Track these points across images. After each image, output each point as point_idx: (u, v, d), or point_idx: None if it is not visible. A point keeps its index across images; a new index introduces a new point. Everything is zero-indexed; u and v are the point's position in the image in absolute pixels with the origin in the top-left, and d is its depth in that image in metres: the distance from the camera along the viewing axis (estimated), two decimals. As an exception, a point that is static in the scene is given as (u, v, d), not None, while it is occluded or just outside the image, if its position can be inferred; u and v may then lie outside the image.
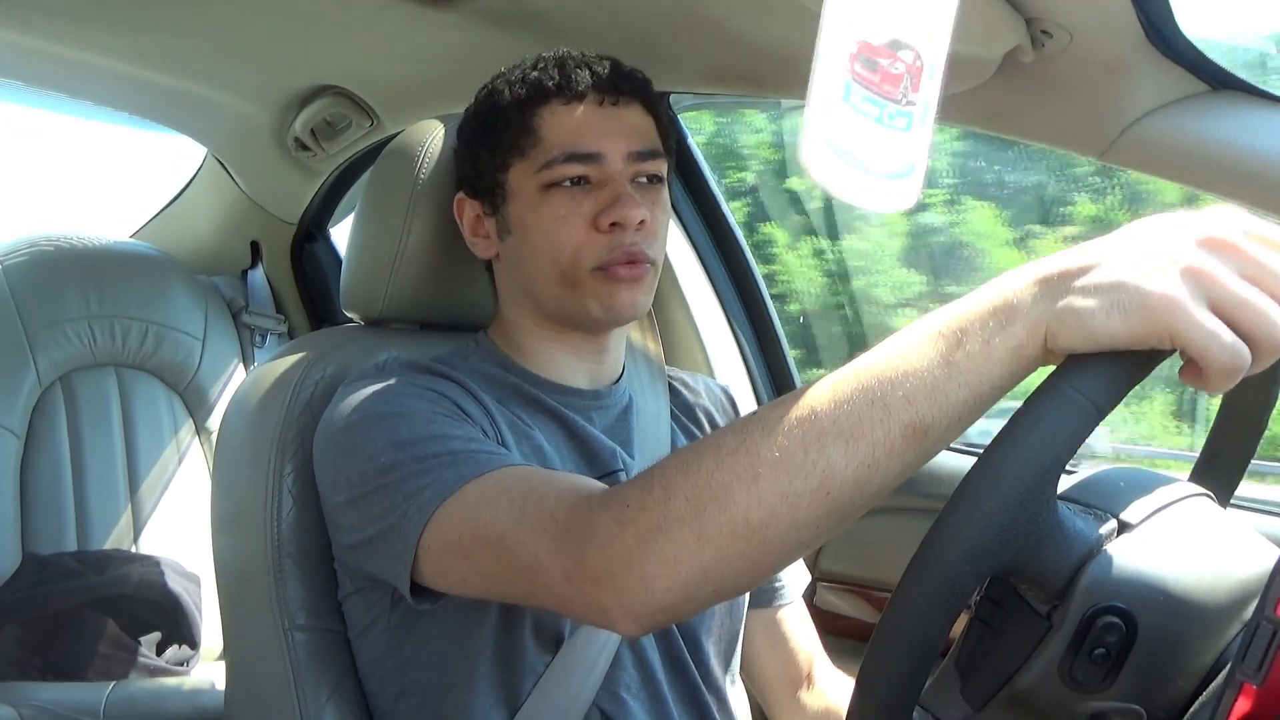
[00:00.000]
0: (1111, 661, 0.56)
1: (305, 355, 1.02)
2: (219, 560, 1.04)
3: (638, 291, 0.96)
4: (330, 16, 1.43)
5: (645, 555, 0.64)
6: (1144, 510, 0.60)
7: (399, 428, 0.85)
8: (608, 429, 1.02)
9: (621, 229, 0.93)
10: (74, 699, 1.43)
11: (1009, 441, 0.53)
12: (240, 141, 1.91)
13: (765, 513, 0.60)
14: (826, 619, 1.53)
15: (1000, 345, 0.56)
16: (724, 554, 0.62)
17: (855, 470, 0.58)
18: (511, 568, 0.75)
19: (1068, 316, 0.54)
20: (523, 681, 0.91)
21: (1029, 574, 0.57)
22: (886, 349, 0.60)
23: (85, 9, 1.43)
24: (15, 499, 1.68)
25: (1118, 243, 0.56)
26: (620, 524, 0.66)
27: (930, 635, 0.54)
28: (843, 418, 0.59)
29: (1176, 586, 0.57)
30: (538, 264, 0.96)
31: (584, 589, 0.68)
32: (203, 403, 1.90)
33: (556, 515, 0.72)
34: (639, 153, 0.96)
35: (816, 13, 0.93)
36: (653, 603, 0.65)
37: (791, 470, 0.59)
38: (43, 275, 1.79)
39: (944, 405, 0.57)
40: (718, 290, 1.69)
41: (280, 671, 0.96)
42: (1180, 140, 0.95)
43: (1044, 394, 0.54)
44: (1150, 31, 0.90)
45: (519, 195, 0.97)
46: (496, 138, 0.97)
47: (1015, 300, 0.57)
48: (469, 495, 0.79)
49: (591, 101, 0.95)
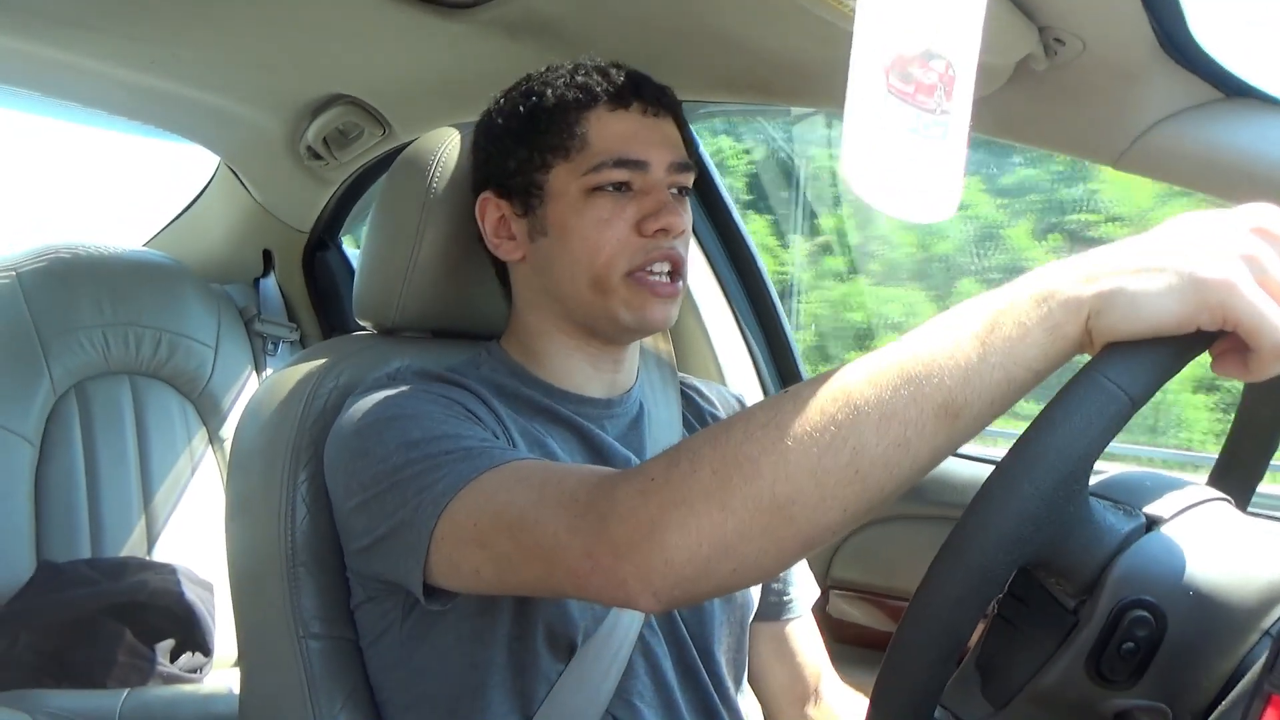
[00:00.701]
0: (1139, 657, 0.56)
1: (318, 363, 1.03)
2: (233, 567, 1.04)
3: (671, 306, 0.98)
4: (343, 26, 1.43)
5: (667, 525, 0.63)
6: (1173, 507, 0.60)
7: (410, 428, 0.85)
8: (621, 437, 1.02)
9: (666, 234, 0.95)
10: (89, 706, 1.43)
11: (1043, 429, 0.53)
12: (253, 150, 1.92)
13: (792, 487, 0.60)
14: (839, 627, 1.53)
15: (1036, 327, 0.57)
16: (747, 528, 0.61)
17: (885, 449, 0.58)
18: (528, 549, 0.74)
19: (1118, 299, 0.55)
20: (536, 690, 0.91)
21: (1058, 565, 0.57)
22: (922, 331, 0.60)
23: (100, 20, 1.44)
24: (30, 506, 1.69)
25: (1166, 234, 0.57)
26: (644, 494, 0.65)
27: (958, 624, 0.54)
28: (875, 395, 0.59)
29: (1206, 584, 0.57)
30: (572, 267, 0.96)
31: (603, 561, 0.67)
32: (215, 410, 1.91)
33: (577, 494, 0.71)
34: (678, 164, 0.98)
35: (830, 21, 0.94)
36: (672, 574, 0.64)
37: (821, 445, 0.59)
38: (57, 284, 1.80)
39: (977, 386, 0.57)
40: (730, 298, 1.69)
41: (294, 679, 0.97)
42: (1194, 148, 0.95)
43: (1078, 384, 0.54)
44: (1163, 39, 0.90)
45: (560, 197, 0.97)
46: (539, 138, 0.97)
47: (1055, 285, 0.57)
48: (485, 484, 0.78)
49: (637, 110, 0.97)
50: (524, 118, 0.98)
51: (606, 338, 1.00)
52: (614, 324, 0.97)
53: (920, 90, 0.57)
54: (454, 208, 1.04)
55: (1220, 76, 0.93)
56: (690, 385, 1.16)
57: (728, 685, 1.02)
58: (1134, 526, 0.58)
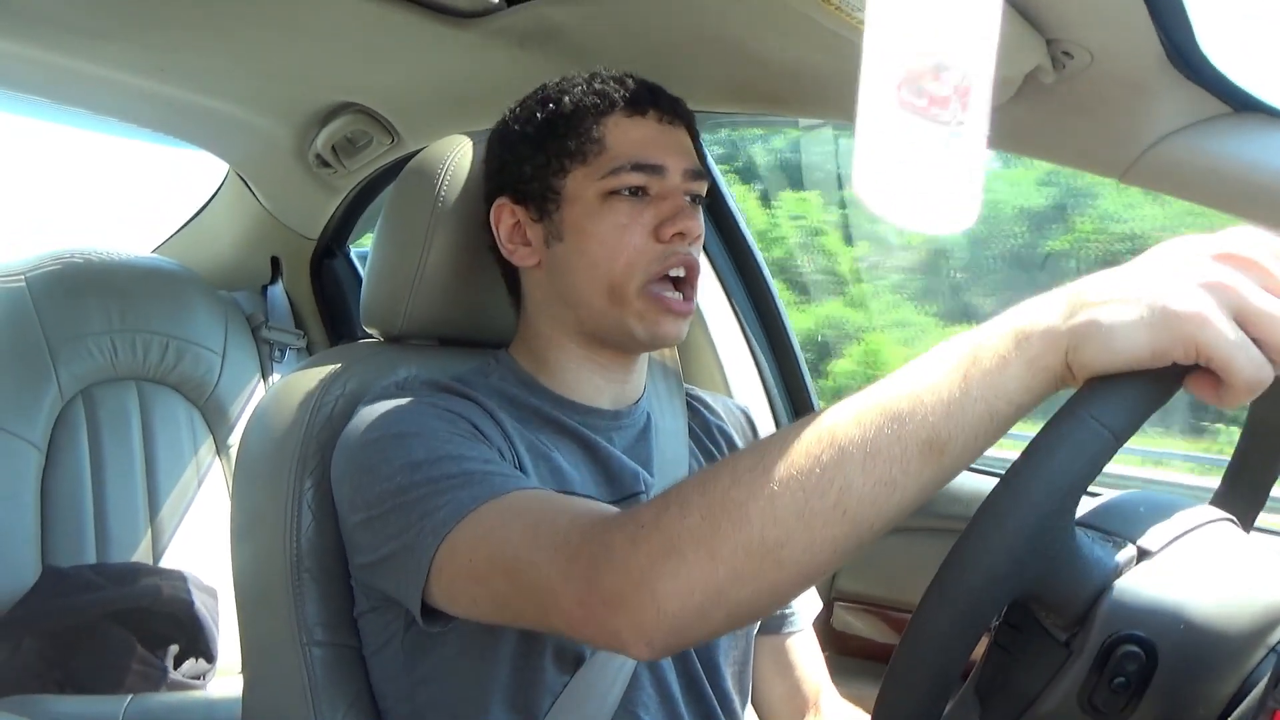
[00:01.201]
0: (1132, 690, 0.55)
1: (325, 371, 1.03)
2: (237, 574, 1.04)
3: (684, 323, 0.98)
4: (352, 35, 1.44)
5: (659, 574, 0.63)
6: (1164, 536, 0.60)
7: (415, 447, 0.85)
8: (628, 449, 1.01)
9: (683, 239, 0.96)
10: (91, 712, 1.44)
11: (1025, 469, 0.53)
12: (262, 158, 1.93)
13: (781, 531, 0.60)
14: (842, 640, 1.52)
15: (1016, 361, 0.57)
16: (738, 573, 0.62)
17: (872, 488, 0.58)
18: (523, 591, 0.74)
19: (1091, 332, 0.54)
20: (540, 702, 0.91)
21: (1047, 600, 0.57)
22: (905, 371, 0.60)
23: (111, 28, 1.45)
24: (36, 511, 1.69)
25: (1140, 265, 0.56)
26: (634, 543, 0.65)
27: (949, 662, 0.54)
28: (859, 434, 0.59)
29: (1197, 614, 0.56)
30: (590, 271, 0.97)
31: (596, 611, 0.68)
32: (222, 417, 1.91)
33: (570, 537, 0.71)
34: (693, 170, 0.99)
35: (838, 32, 0.94)
36: (665, 624, 0.64)
37: (808, 488, 0.59)
38: (66, 290, 1.81)
39: (961, 422, 0.57)
40: (736, 310, 1.69)
41: (298, 686, 0.97)
42: (1201, 162, 0.95)
43: (1060, 421, 0.54)
44: (1171, 52, 0.89)
45: (576, 201, 0.97)
46: (557, 143, 0.98)
47: (1034, 320, 0.57)
48: (484, 517, 0.78)
49: (653, 118, 0.98)
50: (541, 123, 0.99)
51: (618, 348, 1.00)
52: (627, 336, 0.97)
53: (934, 103, 0.57)
54: (462, 216, 1.05)
55: (1228, 90, 0.93)
56: (696, 397, 1.16)
57: (732, 698, 1.02)
58: (1123, 559, 0.58)
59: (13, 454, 1.68)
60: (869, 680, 0.67)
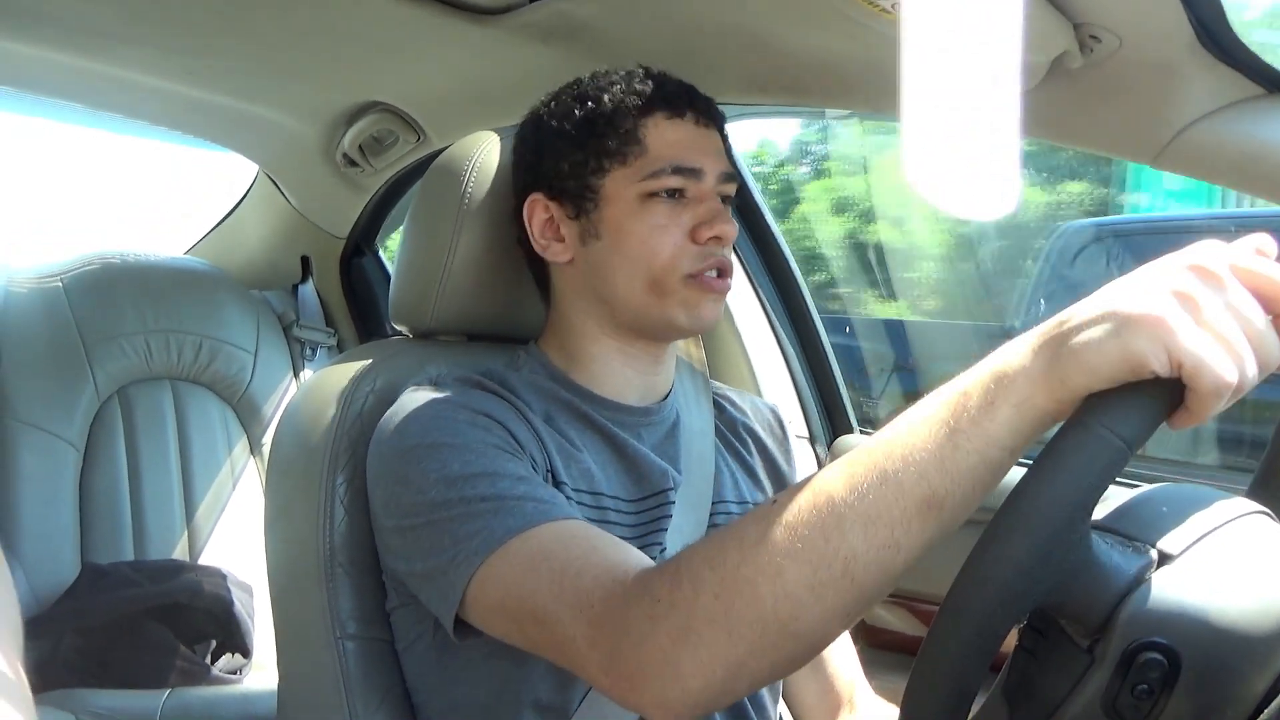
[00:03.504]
0: (1156, 696, 0.55)
1: (356, 367, 1.04)
2: (272, 569, 1.06)
3: (721, 303, 1.00)
4: (376, 34, 1.45)
5: (679, 655, 0.65)
6: (1186, 539, 0.58)
7: (450, 460, 0.85)
8: (656, 446, 1.01)
9: (719, 242, 0.97)
10: (131, 706, 1.46)
11: (1034, 482, 0.53)
12: (290, 158, 1.95)
13: (792, 605, 0.61)
14: (872, 633, 1.52)
15: (1002, 404, 0.57)
16: (755, 649, 0.63)
17: (877, 552, 0.59)
18: (553, 643, 0.76)
19: (1068, 358, 0.55)
20: (571, 700, 0.91)
21: (1067, 609, 0.57)
22: (895, 428, 0.61)
23: (140, 32, 1.46)
24: (75, 509, 1.72)
25: (1109, 287, 0.57)
26: (653, 620, 0.66)
27: (964, 678, 0.54)
28: (858, 500, 0.60)
29: (1220, 619, 0.55)
30: (629, 270, 0.97)
31: (621, 683, 0.69)
32: (255, 414, 1.93)
33: (592, 599, 0.72)
34: (727, 174, 1.00)
35: (864, 23, 0.93)
36: (689, 699, 0.66)
37: (814, 560, 0.60)
38: (101, 291, 1.84)
39: (954, 474, 0.58)
40: (765, 306, 1.69)
41: (332, 680, 0.97)
42: (1235, 145, 0.93)
43: (1068, 432, 0.53)
44: (1202, 34, 0.88)
45: (615, 201, 0.98)
46: (596, 142, 0.98)
47: (1013, 360, 0.58)
48: (513, 555, 0.79)
49: (690, 120, 0.99)
50: (580, 121, 0.99)
51: (653, 337, 1.01)
52: (668, 325, 0.98)
53: (968, 90, 0.57)
54: (489, 212, 1.05)
55: (1261, 71, 0.91)
56: (722, 394, 1.15)
57: (763, 695, 1.02)
58: (1142, 564, 0.57)
59: (52, 453, 1.71)
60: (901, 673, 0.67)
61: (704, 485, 1.01)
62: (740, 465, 1.09)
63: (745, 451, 1.11)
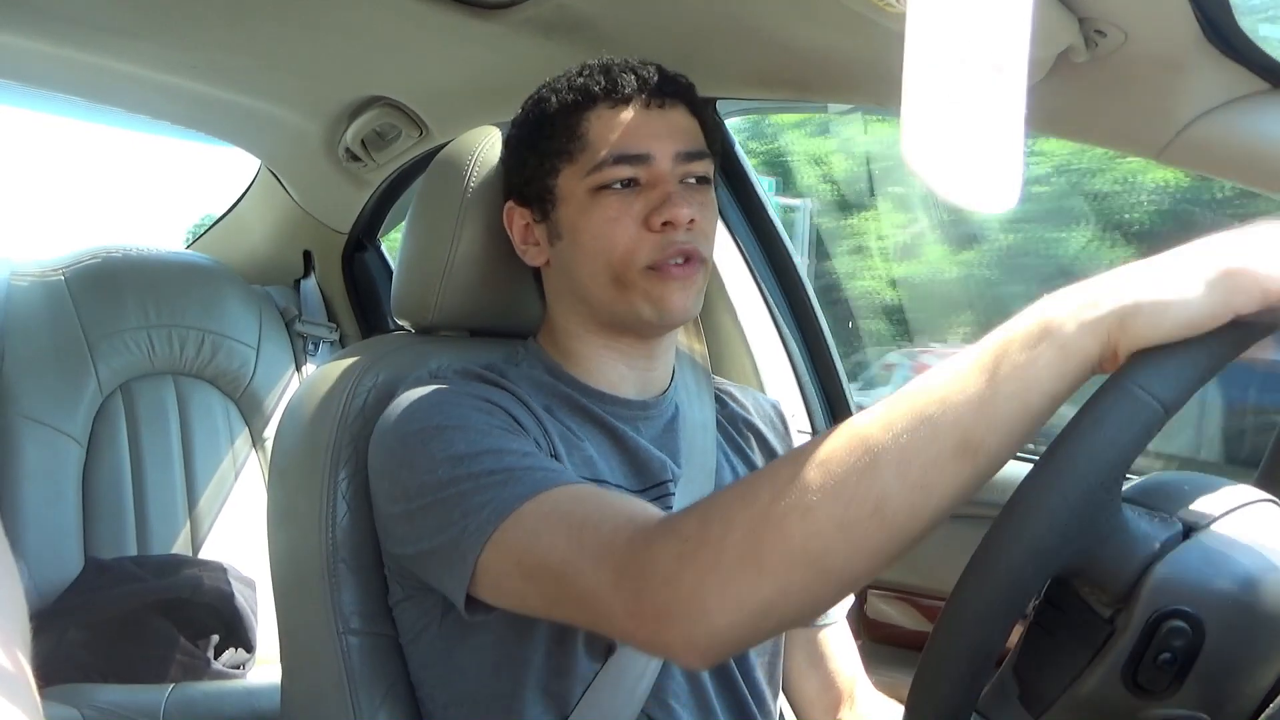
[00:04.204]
0: (1177, 667, 0.55)
1: (358, 362, 1.04)
2: (275, 564, 1.06)
3: (689, 292, 0.96)
4: (379, 29, 1.45)
5: (707, 592, 0.64)
6: (1211, 513, 0.59)
7: (455, 440, 0.85)
8: (655, 439, 1.01)
9: (673, 228, 0.94)
10: (134, 701, 1.46)
11: (1071, 439, 0.53)
12: (292, 153, 1.95)
13: (822, 543, 0.61)
14: (876, 627, 1.52)
15: (1048, 350, 0.56)
16: (785, 586, 0.63)
17: (909, 494, 0.58)
18: (573, 596, 0.75)
19: (1137, 307, 0.54)
20: (573, 689, 0.91)
21: (1092, 575, 0.56)
22: (935, 372, 0.60)
23: (143, 27, 1.46)
24: (78, 505, 1.72)
25: (1168, 254, 0.56)
26: (680, 559, 0.66)
27: (990, 636, 0.54)
28: (893, 441, 0.59)
29: (1245, 591, 0.55)
30: (589, 266, 0.97)
31: (647, 624, 0.69)
32: (257, 409, 1.93)
33: (614, 545, 0.72)
34: (686, 153, 0.97)
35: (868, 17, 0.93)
36: (717, 637, 0.65)
37: (845, 498, 0.60)
38: (103, 286, 1.84)
39: (993, 419, 0.57)
40: (766, 298, 1.68)
41: (335, 675, 0.98)
42: (1240, 140, 0.93)
43: (1107, 392, 0.53)
44: (1207, 29, 0.88)
45: (569, 200, 0.97)
46: (545, 144, 0.98)
47: (1064, 307, 0.57)
48: (527, 517, 0.79)
49: (638, 104, 0.96)
50: (532, 125, 1.00)
51: (634, 333, 1.00)
52: (636, 319, 0.97)
53: (976, 82, 0.57)
54: (491, 207, 1.05)
55: (1267, 66, 0.91)
56: (723, 389, 1.15)
57: (763, 689, 1.02)
58: (1170, 534, 0.57)
59: (55, 448, 1.71)
60: (902, 668, 0.67)
61: (704, 478, 1.01)
62: (742, 459, 1.09)
63: (747, 446, 1.11)
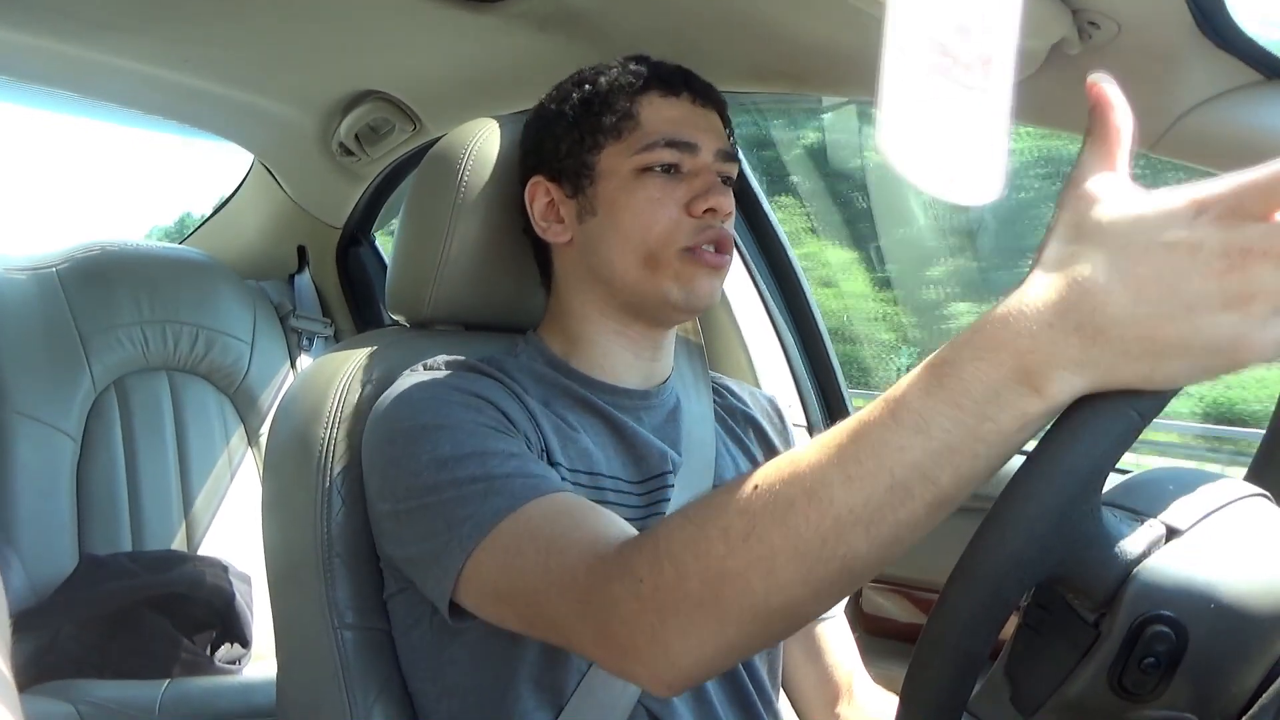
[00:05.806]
0: (1162, 670, 0.55)
1: (352, 357, 1.03)
2: (269, 559, 1.05)
3: (716, 281, 0.99)
4: (372, 22, 1.44)
5: (669, 635, 0.64)
6: (1193, 514, 0.58)
7: (441, 442, 0.86)
8: (656, 429, 1.02)
9: (715, 215, 0.97)
10: (130, 696, 1.46)
11: (1049, 451, 0.53)
12: (286, 148, 1.94)
13: (786, 596, 0.59)
14: (871, 621, 1.52)
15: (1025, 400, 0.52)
16: (747, 633, 0.62)
17: (878, 550, 0.56)
18: (545, 621, 0.77)
19: (1122, 370, 0.51)
20: (567, 682, 0.92)
21: (1074, 582, 0.56)
22: (893, 411, 0.55)
23: (134, 21, 1.46)
24: (72, 501, 1.72)
25: (1146, 261, 0.49)
26: (639, 600, 0.65)
27: (973, 646, 0.54)
28: (862, 507, 0.55)
29: (1228, 594, 0.55)
30: (623, 244, 0.98)
31: (614, 657, 0.70)
32: (252, 404, 1.93)
33: (577, 575, 0.72)
34: (725, 152, 1.01)
35: (863, 9, 0.92)
36: (683, 673, 0.66)
37: (810, 559, 0.57)
38: (97, 281, 1.84)
39: (970, 472, 0.54)
40: (763, 296, 1.68)
41: (330, 669, 0.98)
42: (1234, 131, 0.93)
43: (1084, 403, 0.53)
44: (1201, 20, 0.88)
45: (610, 176, 0.99)
46: (591, 120, 1.00)
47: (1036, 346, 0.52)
48: (502, 537, 0.79)
49: (687, 99, 1.00)
50: (577, 103, 1.01)
51: (651, 318, 1.01)
52: (662, 301, 0.98)
53: (958, 70, 0.57)
54: (486, 200, 1.05)
55: (1261, 58, 0.91)
56: (720, 383, 1.16)
57: (763, 678, 1.02)
58: (1151, 538, 0.57)
59: (48, 444, 1.71)
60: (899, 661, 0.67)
61: (704, 468, 1.02)
62: (741, 450, 1.09)
63: (746, 439, 1.11)
